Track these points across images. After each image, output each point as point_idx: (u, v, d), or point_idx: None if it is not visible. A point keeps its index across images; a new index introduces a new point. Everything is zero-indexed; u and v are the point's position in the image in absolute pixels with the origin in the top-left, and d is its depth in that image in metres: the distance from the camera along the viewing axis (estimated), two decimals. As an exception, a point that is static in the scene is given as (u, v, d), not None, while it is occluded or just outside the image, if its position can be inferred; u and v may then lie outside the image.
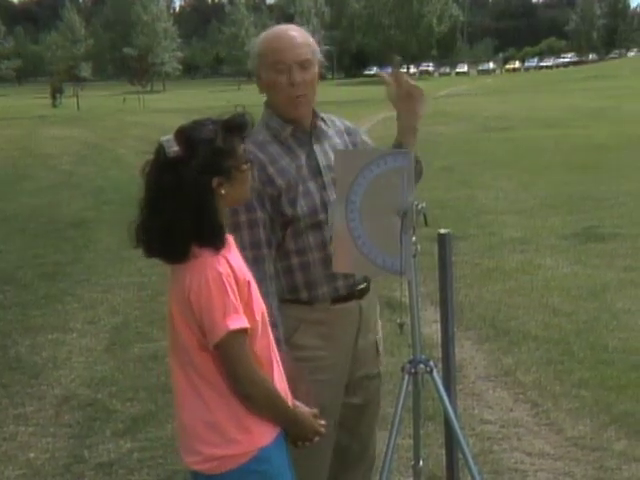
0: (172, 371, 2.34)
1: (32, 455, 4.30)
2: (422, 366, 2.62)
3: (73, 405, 4.91)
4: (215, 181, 2.17)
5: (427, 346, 4.15)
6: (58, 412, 4.82)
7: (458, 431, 2.64)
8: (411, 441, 3.00)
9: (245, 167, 2.26)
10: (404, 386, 2.61)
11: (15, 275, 8.24)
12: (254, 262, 2.54)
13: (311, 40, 2.75)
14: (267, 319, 2.34)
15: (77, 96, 52.00)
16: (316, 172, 2.75)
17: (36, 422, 4.70)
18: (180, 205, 2.15)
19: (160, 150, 2.17)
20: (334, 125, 2.91)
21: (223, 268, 2.17)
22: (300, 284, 2.75)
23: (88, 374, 5.42)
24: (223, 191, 2.19)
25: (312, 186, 2.73)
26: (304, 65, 2.67)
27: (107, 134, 26.52)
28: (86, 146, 22.92)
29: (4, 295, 7.53)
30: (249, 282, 2.24)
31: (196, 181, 2.14)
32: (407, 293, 2.56)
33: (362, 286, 2.83)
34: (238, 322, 2.16)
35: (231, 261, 2.21)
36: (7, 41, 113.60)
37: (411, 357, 2.65)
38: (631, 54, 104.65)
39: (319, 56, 2.77)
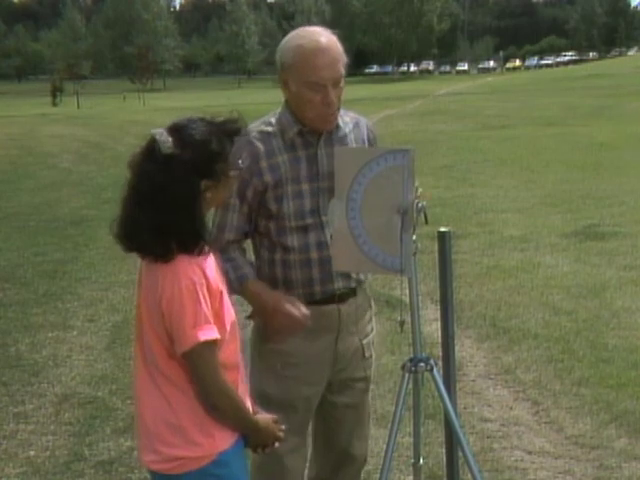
0: (135, 367, 2.34)
1: (32, 453, 4.30)
2: (422, 364, 2.62)
3: (73, 403, 4.91)
4: (204, 184, 2.16)
5: (427, 344, 4.15)
6: (58, 410, 4.82)
7: (458, 429, 2.64)
8: (411, 439, 3.00)
9: (232, 174, 2.25)
10: (404, 384, 2.61)
11: (15, 273, 8.25)
12: (213, 242, 2.43)
13: (341, 48, 2.66)
14: (237, 326, 2.33)
15: (77, 94, 52.03)
16: (314, 176, 2.70)
17: (36, 420, 4.70)
18: (167, 202, 2.12)
19: (154, 144, 2.14)
20: (358, 130, 2.83)
21: (197, 277, 2.15)
22: (279, 279, 2.75)
23: (88, 372, 5.42)
24: (209, 194, 2.18)
25: (306, 189, 2.69)
26: (338, 82, 2.61)
27: (107, 132, 26.53)
28: (86, 144, 22.93)
29: (4, 293, 7.53)
30: (221, 292, 2.22)
31: (186, 181, 2.12)
32: (407, 291, 2.56)
33: (343, 291, 2.78)
34: (208, 333, 2.15)
35: (206, 270, 2.19)
36: (7, 39, 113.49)
37: (411, 355, 2.65)
38: (631, 52, 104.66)
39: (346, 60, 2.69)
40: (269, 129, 2.69)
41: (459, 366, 4.97)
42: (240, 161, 2.32)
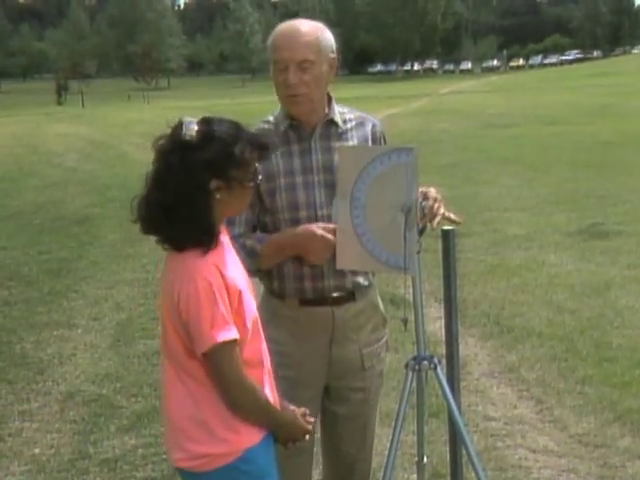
0: (162, 365, 2.34)
1: (37, 451, 4.31)
2: (426, 363, 2.62)
3: (78, 401, 4.93)
4: (214, 183, 2.15)
5: (431, 343, 4.15)
6: (63, 408, 4.84)
7: (462, 428, 2.64)
8: (415, 438, 3.00)
9: (248, 185, 2.24)
10: (408, 383, 2.61)
11: (20, 271, 8.26)
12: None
13: (322, 37, 2.65)
14: (259, 324, 2.32)
15: (82, 93, 52.10)
16: (308, 169, 2.70)
17: (41, 418, 4.72)
18: (174, 186, 2.13)
19: (178, 128, 2.16)
20: (362, 129, 2.80)
21: (214, 278, 2.14)
22: (274, 272, 2.76)
23: (93, 370, 5.43)
24: (218, 196, 2.17)
25: (299, 181, 2.69)
26: (303, 65, 2.60)
27: (112, 131, 26.56)
28: (91, 143, 22.96)
29: (9, 291, 7.55)
30: (240, 291, 2.21)
31: (195, 172, 2.13)
32: (411, 290, 2.56)
33: (337, 294, 2.75)
34: (226, 334, 2.14)
35: (223, 270, 2.17)
36: (12, 38, 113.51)
37: (415, 354, 2.65)
38: (635, 51, 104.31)
39: (331, 54, 2.67)
40: (266, 126, 2.75)
41: (463, 364, 4.96)
42: (260, 177, 2.33)
